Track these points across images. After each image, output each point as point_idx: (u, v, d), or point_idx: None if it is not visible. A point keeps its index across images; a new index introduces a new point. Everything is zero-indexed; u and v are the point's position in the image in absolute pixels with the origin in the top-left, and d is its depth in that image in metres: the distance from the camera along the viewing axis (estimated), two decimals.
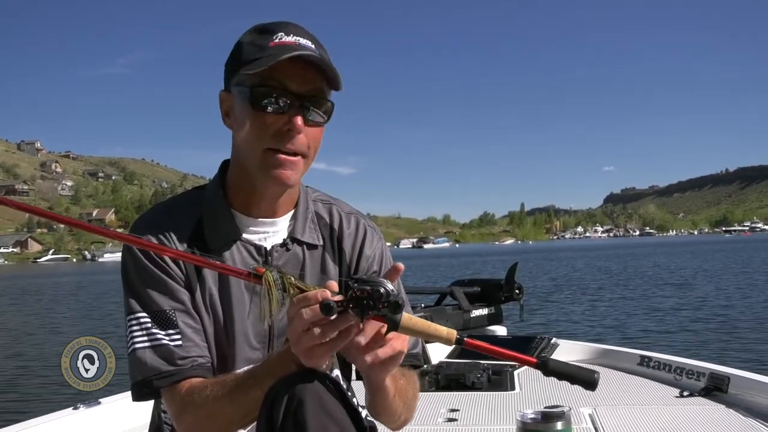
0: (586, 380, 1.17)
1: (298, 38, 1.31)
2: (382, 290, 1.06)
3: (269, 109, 1.29)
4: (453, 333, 1.14)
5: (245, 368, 1.30)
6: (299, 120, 1.29)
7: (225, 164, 1.46)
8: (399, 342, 1.16)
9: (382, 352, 1.14)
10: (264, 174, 1.33)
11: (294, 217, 1.45)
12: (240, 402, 1.23)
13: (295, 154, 1.31)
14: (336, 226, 1.50)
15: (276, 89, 1.28)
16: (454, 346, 1.17)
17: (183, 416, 1.30)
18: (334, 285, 1.13)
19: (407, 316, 1.10)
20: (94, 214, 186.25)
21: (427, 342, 1.19)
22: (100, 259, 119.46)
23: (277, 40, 1.30)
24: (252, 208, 1.41)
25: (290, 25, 1.34)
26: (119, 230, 1.35)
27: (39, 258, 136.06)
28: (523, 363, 1.18)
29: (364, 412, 1.53)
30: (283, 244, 1.43)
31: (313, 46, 1.32)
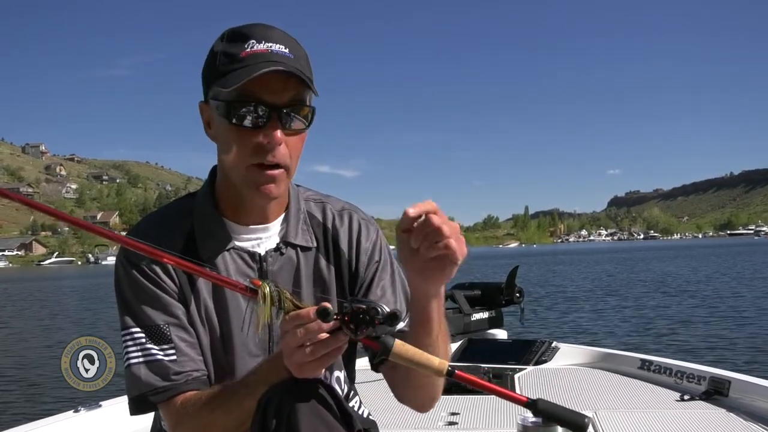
0: (576, 424, 1.15)
1: (270, 45, 1.28)
2: (378, 309, 1.07)
3: (247, 123, 1.27)
4: (444, 364, 1.12)
5: (238, 378, 1.31)
6: (278, 133, 1.26)
7: (215, 169, 1.44)
8: (455, 244, 1.12)
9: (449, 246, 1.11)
10: (248, 189, 1.32)
11: (286, 220, 1.44)
12: (234, 411, 1.23)
13: (277, 166, 1.30)
14: (330, 224, 1.48)
15: (251, 103, 1.26)
16: (445, 376, 1.15)
17: (179, 428, 1.32)
18: (328, 306, 1.12)
19: (399, 343, 1.10)
20: (98, 217, 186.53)
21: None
22: (104, 262, 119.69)
23: (249, 49, 1.27)
24: (242, 215, 1.40)
25: (261, 29, 1.30)
26: (122, 234, 1.34)
27: (43, 261, 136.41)
28: (513, 401, 1.16)
29: (365, 412, 1.54)
30: (277, 249, 1.42)
31: (287, 50, 1.29)
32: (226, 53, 1.29)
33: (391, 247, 1.58)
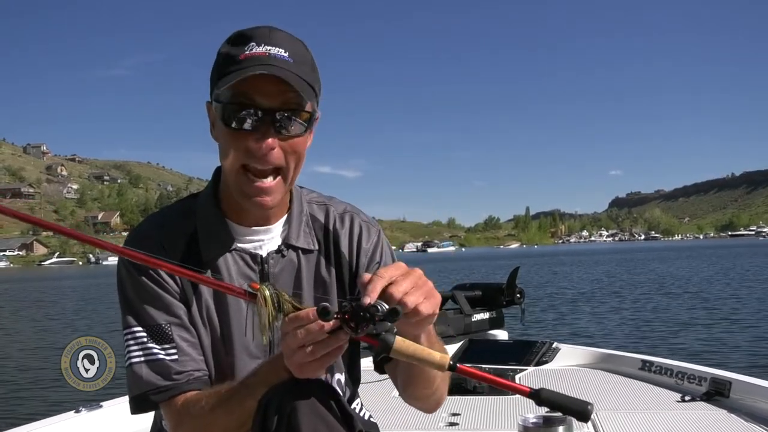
0: (579, 411, 1.15)
1: (269, 48, 1.27)
2: (378, 306, 1.07)
3: (241, 126, 1.27)
4: (446, 358, 1.12)
5: (239, 378, 1.30)
6: (269, 139, 1.26)
7: (219, 170, 1.44)
8: (426, 306, 1.12)
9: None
10: (242, 197, 1.32)
11: (288, 222, 1.44)
12: (235, 412, 1.24)
13: (271, 171, 1.29)
14: (331, 227, 1.49)
15: (246, 106, 1.26)
16: (447, 371, 1.14)
17: (180, 428, 1.32)
18: (328, 305, 1.13)
19: (400, 340, 1.09)
20: (99, 217, 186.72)
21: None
22: (105, 262, 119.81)
23: (248, 52, 1.27)
24: (244, 216, 1.41)
25: (265, 32, 1.30)
26: (124, 234, 1.35)
27: (44, 261, 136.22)
28: (516, 392, 1.16)
29: (366, 414, 1.54)
30: (278, 251, 1.42)
31: (286, 54, 1.28)
32: (228, 55, 1.30)
33: (393, 248, 1.58)
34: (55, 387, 8.10)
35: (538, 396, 1.15)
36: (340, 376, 1.47)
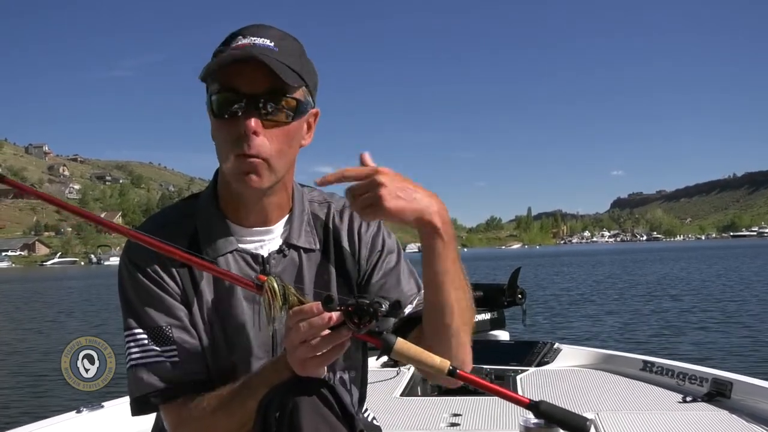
0: (577, 427, 1.15)
1: (253, 39, 1.28)
2: (380, 302, 1.08)
3: (226, 114, 1.27)
4: (446, 363, 1.13)
5: (240, 379, 1.30)
6: (252, 122, 1.25)
7: (218, 171, 1.44)
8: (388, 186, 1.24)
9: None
10: (235, 181, 1.31)
11: (289, 222, 1.44)
12: (236, 413, 1.23)
13: (257, 157, 1.28)
14: (331, 224, 1.48)
15: (229, 94, 1.26)
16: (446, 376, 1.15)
17: (180, 430, 1.32)
18: (332, 295, 1.13)
19: (401, 341, 1.10)
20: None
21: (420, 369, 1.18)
22: (106, 263, 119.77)
23: (233, 45, 1.28)
24: (244, 216, 1.40)
25: (252, 28, 1.31)
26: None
27: (46, 261, 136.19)
28: (515, 403, 1.17)
29: (370, 415, 1.54)
30: (280, 251, 1.41)
31: (271, 44, 1.28)
32: (218, 53, 1.30)
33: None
34: (56, 387, 8.10)
35: (536, 408, 1.16)
36: (344, 376, 1.46)
